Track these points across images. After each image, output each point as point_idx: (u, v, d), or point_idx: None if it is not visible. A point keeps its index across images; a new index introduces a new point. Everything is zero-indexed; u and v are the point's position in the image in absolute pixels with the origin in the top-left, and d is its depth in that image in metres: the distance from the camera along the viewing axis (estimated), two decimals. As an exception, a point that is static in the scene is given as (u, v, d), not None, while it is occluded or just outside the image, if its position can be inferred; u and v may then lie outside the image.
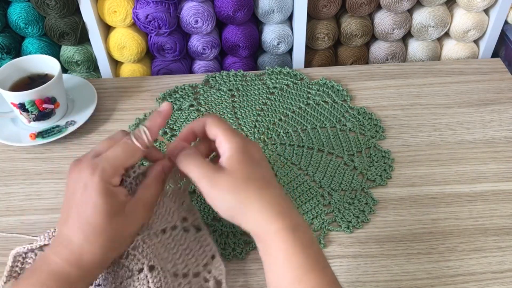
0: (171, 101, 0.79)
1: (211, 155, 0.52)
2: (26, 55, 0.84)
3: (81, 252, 0.42)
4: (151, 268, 0.46)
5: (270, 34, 0.85)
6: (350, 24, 0.85)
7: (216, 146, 0.47)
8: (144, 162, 0.53)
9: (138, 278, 0.45)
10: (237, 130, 0.48)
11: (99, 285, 0.49)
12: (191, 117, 0.76)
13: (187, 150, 0.47)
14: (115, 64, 0.90)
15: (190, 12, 0.80)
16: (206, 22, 0.81)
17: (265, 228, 0.41)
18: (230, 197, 0.43)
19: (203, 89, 0.81)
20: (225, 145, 0.45)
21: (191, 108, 0.77)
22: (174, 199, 0.51)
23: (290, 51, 0.89)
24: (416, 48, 0.89)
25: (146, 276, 0.45)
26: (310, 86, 0.80)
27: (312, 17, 0.86)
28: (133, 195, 0.46)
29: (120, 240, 0.45)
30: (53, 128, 0.73)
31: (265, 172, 0.45)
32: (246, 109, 0.77)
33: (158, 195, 0.48)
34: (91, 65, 0.87)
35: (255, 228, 0.42)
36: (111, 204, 0.43)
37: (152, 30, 0.81)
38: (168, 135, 0.73)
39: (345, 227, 0.59)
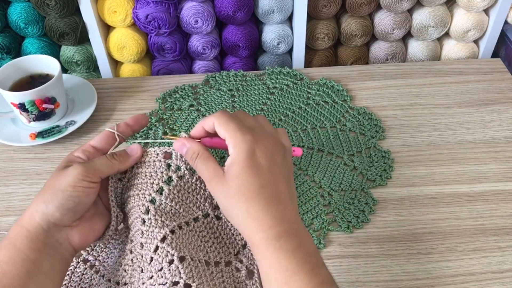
0: (171, 101, 0.79)
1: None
2: (26, 55, 0.84)
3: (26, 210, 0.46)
4: (182, 259, 0.45)
5: (270, 34, 0.85)
6: (350, 24, 0.85)
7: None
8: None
9: (169, 269, 0.45)
10: (247, 128, 0.45)
11: (126, 283, 0.49)
12: (191, 117, 0.76)
13: (197, 150, 0.47)
14: (115, 64, 0.90)
15: (190, 12, 0.80)
16: (206, 22, 0.81)
17: (250, 238, 0.43)
18: (224, 205, 0.45)
19: (203, 89, 0.81)
20: (230, 150, 0.45)
21: (191, 108, 0.77)
22: (205, 187, 0.50)
23: (290, 51, 0.89)
24: (416, 48, 0.89)
25: (178, 267, 0.45)
26: (310, 86, 0.80)
27: (312, 17, 0.86)
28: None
29: (51, 190, 0.45)
30: (53, 128, 0.73)
31: (264, 179, 0.44)
32: (246, 109, 0.77)
33: (108, 171, 0.48)
34: (91, 65, 0.87)
35: (243, 236, 0.45)
36: (64, 163, 0.47)
37: (152, 30, 0.81)
38: (168, 135, 0.73)
39: (345, 227, 0.59)
